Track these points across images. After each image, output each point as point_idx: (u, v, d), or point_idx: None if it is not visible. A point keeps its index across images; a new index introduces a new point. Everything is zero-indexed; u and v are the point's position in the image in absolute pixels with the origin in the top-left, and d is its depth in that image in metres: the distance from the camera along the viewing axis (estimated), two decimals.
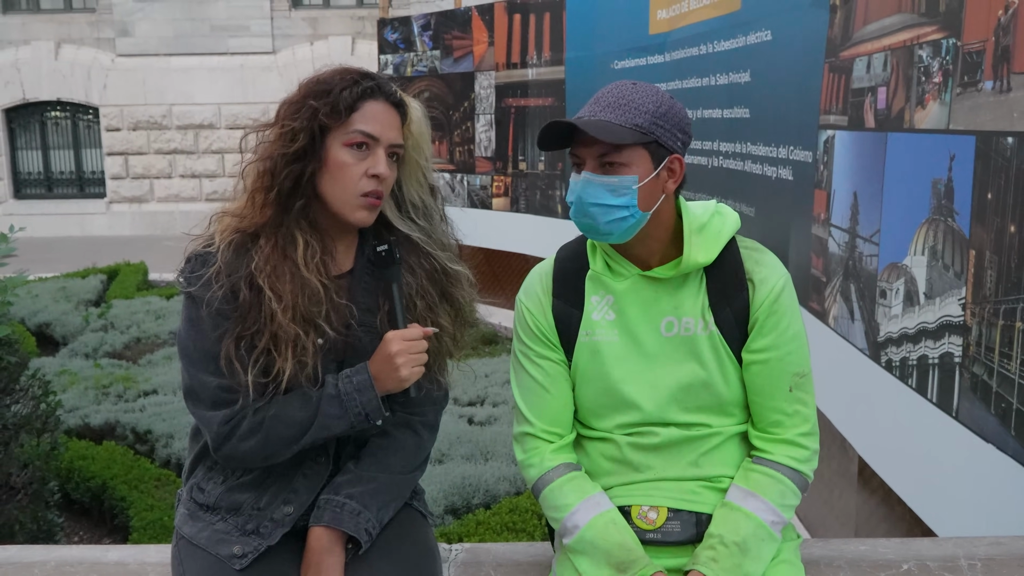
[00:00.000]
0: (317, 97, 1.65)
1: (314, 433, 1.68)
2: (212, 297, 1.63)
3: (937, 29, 2.80)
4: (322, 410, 1.67)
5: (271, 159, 1.66)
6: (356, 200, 1.68)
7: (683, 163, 1.69)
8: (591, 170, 1.65)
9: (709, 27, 5.17)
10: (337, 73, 1.69)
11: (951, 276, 2.68)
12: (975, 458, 2.52)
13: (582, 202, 1.66)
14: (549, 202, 7.87)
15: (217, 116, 15.99)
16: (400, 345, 1.68)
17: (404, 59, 9.30)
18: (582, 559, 1.69)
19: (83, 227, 16.20)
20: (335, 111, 1.64)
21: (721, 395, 1.73)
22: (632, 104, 1.64)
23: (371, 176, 1.67)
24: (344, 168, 1.66)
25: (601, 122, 1.63)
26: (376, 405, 1.68)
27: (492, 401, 5.99)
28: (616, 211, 1.64)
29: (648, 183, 1.65)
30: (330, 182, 1.67)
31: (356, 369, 1.70)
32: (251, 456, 1.67)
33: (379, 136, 1.68)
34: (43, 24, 16.17)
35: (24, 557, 2.01)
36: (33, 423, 3.78)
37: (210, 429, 1.66)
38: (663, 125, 1.64)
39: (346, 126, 1.66)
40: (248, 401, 1.65)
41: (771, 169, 4.35)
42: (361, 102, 1.67)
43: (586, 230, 1.71)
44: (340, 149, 1.66)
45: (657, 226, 1.70)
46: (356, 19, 16.15)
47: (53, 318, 8.04)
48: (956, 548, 1.95)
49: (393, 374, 1.68)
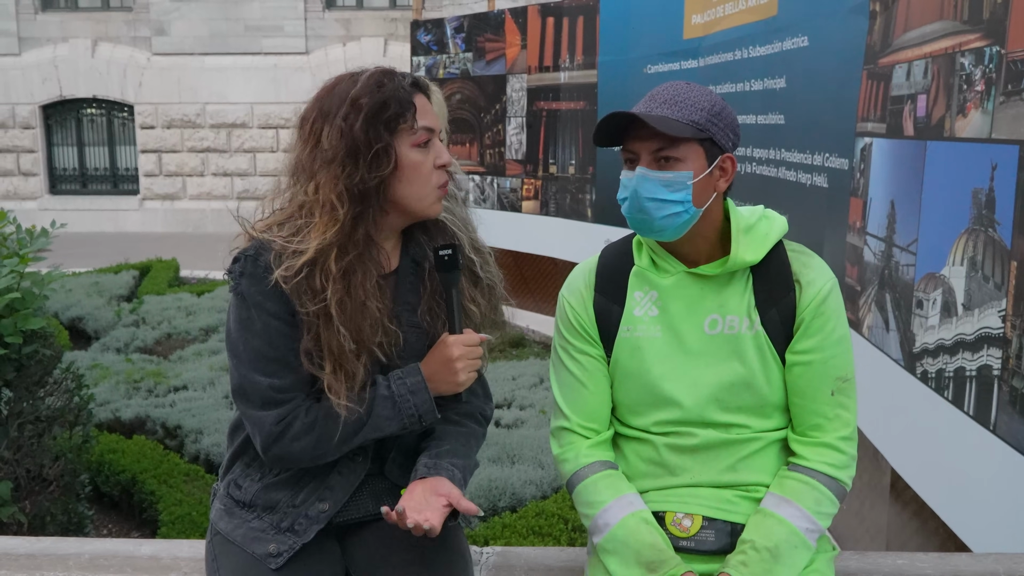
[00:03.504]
0: (382, 106, 1.62)
1: (366, 433, 1.68)
2: (265, 300, 1.63)
3: (980, 37, 2.76)
4: (375, 411, 1.68)
5: (344, 176, 1.62)
6: (433, 194, 1.70)
7: (735, 163, 1.70)
8: (646, 165, 1.65)
9: (744, 32, 5.14)
10: (380, 76, 1.67)
11: (991, 287, 2.64)
12: (1013, 473, 2.47)
13: (638, 196, 1.65)
14: (579, 206, 7.85)
15: (250, 115, 16.12)
16: (461, 350, 1.70)
17: (436, 61, 9.32)
18: (612, 558, 1.69)
19: (116, 223, 16.40)
20: (401, 116, 1.64)
21: (763, 395, 1.71)
22: (688, 101, 1.64)
23: (439, 167, 1.70)
24: (419, 167, 1.67)
25: (660, 116, 1.63)
26: (430, 407, 1.69)
27: (519, 404, 5.97)
28: (671, 206, 1.64)
29: (702, 180, 1.65)
30: (407, 185, 1.67)
31: (408, 370, 1.71)
32: (302, 456, 1.67)
33: (435, 127, 1.70)
34: (81, 22, 16.40)
35: (59, 549, 2.03)
36: (66, 416, 3.82)
37: (261, 429, 1.66)
38: (718, 124, 1.65)
39: (409, 126, 1.66)
40: (301, 401, 1.66)
41: (806, 176, 4.31)
42: (414, 98, 1.68)
43: (639, 226, 1.70)
44: (410, 150, 1.67)
45: (706, 225, 1.70)
46: (389, 20, 16.22)
47: (86, 312, 8.13)
48: (996, 564, 1.92)
49: (451, 378, 1.70)
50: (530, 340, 8.08)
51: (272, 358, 1.64)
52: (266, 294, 1.62)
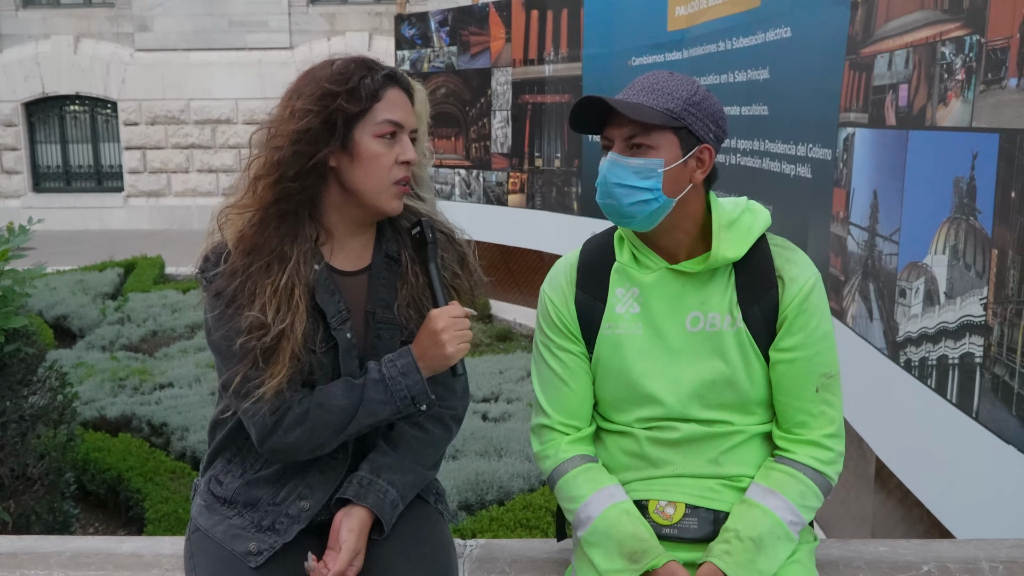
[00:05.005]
0: (336, 83, 1.63)
1: (360, 419, 1.66)
2: (228, 293, 1.63)
3: (960, 26, 2.77)
4: (367, 396, 1.66)
5: (280, 147, 1.64)
6: (391, 189, 1.69)
7: (713, 154, 1.68)
8: (618, 151, 1.65)
9: (728, 24, 5.14)
10: (351, 62, 1.67)
11: (972, 275, 2.65)
12: (995, 460, 2.49)
13: (606, 182, 1.65)
14: (565, 199, 7.85)
15: (235, 111, 16.05)
16: (445, 321, 1.67)
17: (421, 55, 9.29)
18: (595, 551, 1.68)
19: (101, 220, 16.30)
20: (355, 99, 1.63)
21: (745, 393, 1.71)
22: (666, 90, 1.64)
23: (402, 163, 1.68)
24: (377, 159, 1.66)
25: (633, 103, 1.62)
26: (422, 388, 1.67)
27: (506, 397, 5.98)
28: (639, 193, 1.63)
29: (675, 169, 1.64)
30: (363, 175, 1.67)
31: (399, 352, 1.69)
32: (298, 447, 1.66)
33: (404, 123, 1.69)
34: (63, 19, 16.27)
35: (40, 547, 2.02)
36: (50, 414, 3.80)
37: (256, 422, 1.64)
38: (695, 113, 1.64)
39: (372, 116, 1.65)
40: (293, 392, 1.65)
41: (789, 167, 4.32)
42: (382, 91, 1.67)
43: (609, 212, 1.69)
44: (371, 140, 1.66)
45: (685, 217, 1.69)
46: (373, 15, 16.17)
47: (70, 310, 8.09)
48: (977, 550, 1.93)
49: (439, 351, 1.67)
50: (517, 334, 8.08)
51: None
52: (231, 290, 1.63)
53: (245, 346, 1.61)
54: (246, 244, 1.64)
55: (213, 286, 1.66)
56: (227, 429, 1.77)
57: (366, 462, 1.75)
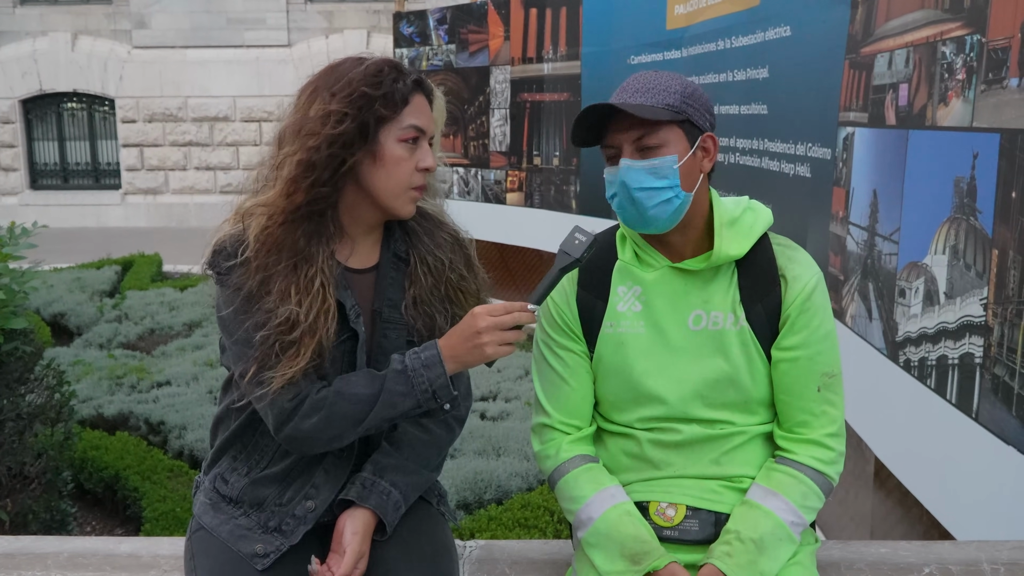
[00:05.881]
0: (372, 87, 1.62)
1: (379, 411, 1.63)
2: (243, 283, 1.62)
3: (961, 25, 2.76)
4: (387, 387, 1.63)
5: (316, 148, 1.61)
6: (408, 193, 1.69)
7: (716, 141, 1.68)
8: (629, 156, 1.64)
9: (727, 23, 5.13)
10: (383, 64, 1.66)
11: (973, 276, 2.65)
12: (995, 460, 2.48)
13: (627, 189, 1.63)
14: (564, 197, 7.84)
15: (232, 109, 16.01)
16: (487, 321, 1.60)
17: (419, 53, 9.28)
18: (596, 552, 1.68)
19: (98, 218, 16.26)
20: (390, 103, 1.63)
21: (747, 392, 1.70)
22: (660, 87, 1.64)
23: (421, 169, 1.68)
24: (400, 163, 1.66)
25: (637, 104, 1.62)
26: (444, 382, 1.63)
27: (505, 396, 5.97)
28: (662, 193, 1.62)
29: (687, 162, 1.64)
30: (384, 176, 1.66)
31: (425, 345, 1.66)
32: (314, 436, 1.63)
33: (426, 129, 1.69)
34: (60, 16, 16.22)
35: (37, 548, 2.01)
36: (47, 413, 3.79)
37: (274, 408, 1.62)
38: (692, 104, 1.64)
39: (399, 120, 1.65)
40: (314, 380, 1.64)
41: (789, 166, 4.32)
42: (411, 95, 1.66)
43: (633, 220, 1.68)
44: (395, 144, 1.66)
45: (695, 213, 1.69)
46: (371, 12, 16.14)
47: (68, 308, 8.07)
48: (978, 552, 1.93)
49: (475, 351, 1.60)
50: None
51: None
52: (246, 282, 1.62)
53: (267, 338, 1.60)
54: (272, 242, 1.63)
55: (231, 280, 1.63)
56: (233, 425, 1.76)
57: (369, 463, 1.74)
